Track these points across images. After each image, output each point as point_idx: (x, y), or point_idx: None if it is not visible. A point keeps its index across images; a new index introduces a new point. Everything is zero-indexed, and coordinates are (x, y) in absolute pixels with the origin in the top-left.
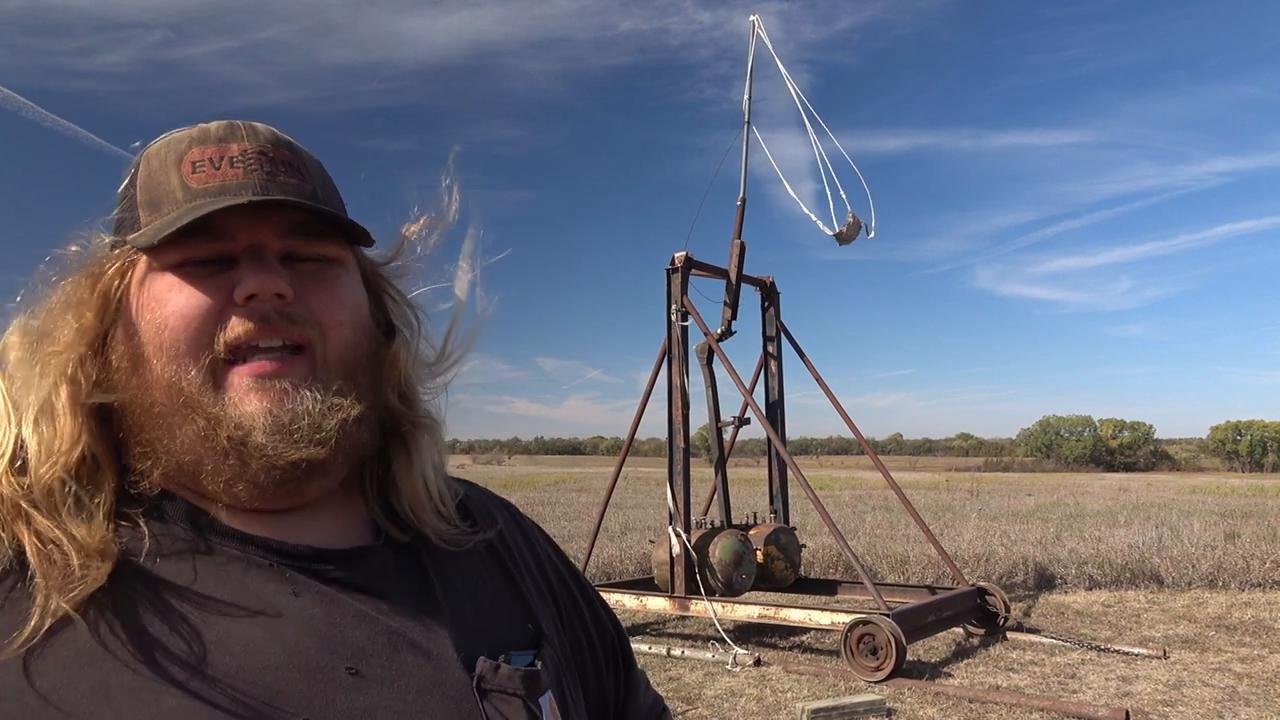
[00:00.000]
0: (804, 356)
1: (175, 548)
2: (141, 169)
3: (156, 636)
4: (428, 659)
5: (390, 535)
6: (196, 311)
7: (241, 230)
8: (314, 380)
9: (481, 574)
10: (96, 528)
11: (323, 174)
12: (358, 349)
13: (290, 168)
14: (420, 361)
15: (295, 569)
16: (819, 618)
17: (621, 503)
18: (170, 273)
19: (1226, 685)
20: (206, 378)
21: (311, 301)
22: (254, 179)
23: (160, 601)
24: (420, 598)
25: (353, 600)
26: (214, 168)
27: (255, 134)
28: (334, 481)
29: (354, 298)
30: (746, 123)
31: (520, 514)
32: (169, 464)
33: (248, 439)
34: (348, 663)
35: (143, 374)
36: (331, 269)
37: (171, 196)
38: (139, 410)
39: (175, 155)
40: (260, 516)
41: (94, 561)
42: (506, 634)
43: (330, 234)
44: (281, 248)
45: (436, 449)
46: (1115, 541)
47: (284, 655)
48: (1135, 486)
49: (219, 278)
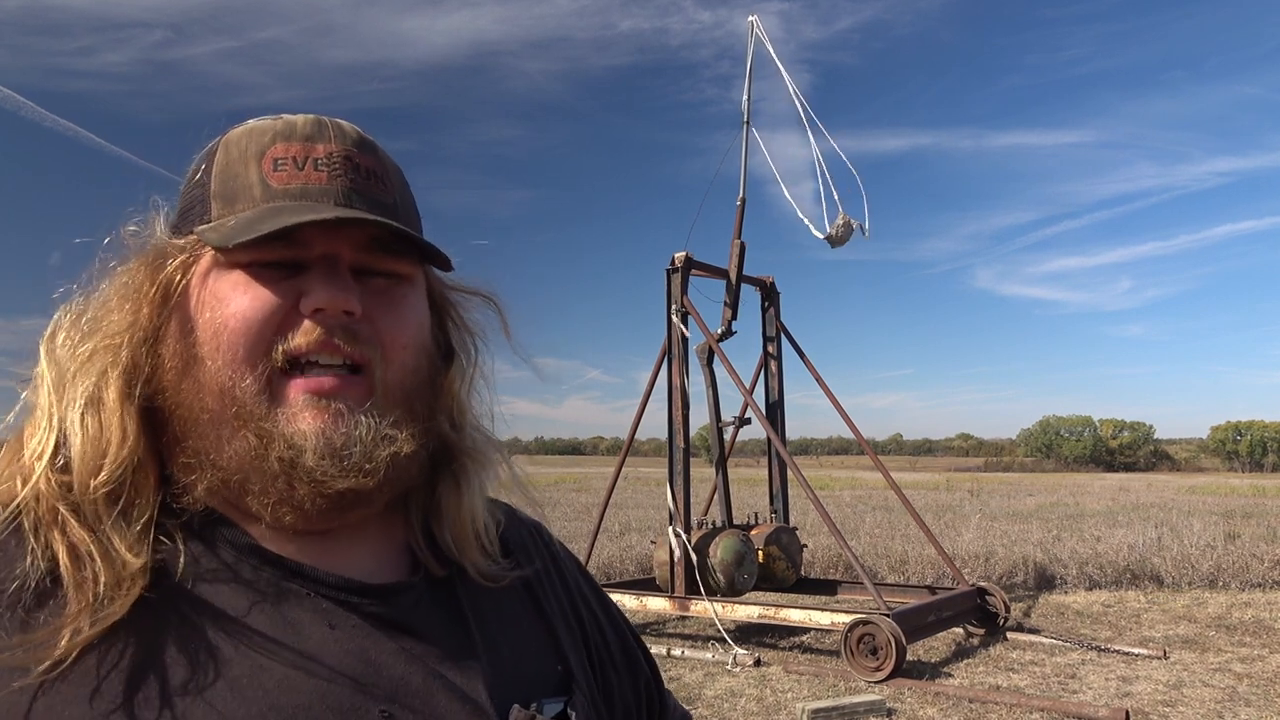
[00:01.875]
0: (804, 356)
1: (213, 570)
2: (219, 156)
3: (187, 667)
4: (462, 704)
5: (429, 569)
6: (259, 316)
7: (317, 239)
8: (371, 406)
9: (516, 610)
10: (135, 542)
11: (403, 183)
12: (417, 374)
13: (374, 176)
14: (474, 389)
15: (334, 601)
16: (819, 618)
17: (621, 503)
18: (237, 271)
19: (1226, 685)
20: (263, 387)
21: (377, 320)
22: (337, 185)
23: (192, 628)
24: (456, 637)
25: (389, 638)
26: (297, 168)
27: (343, 135)
28: (376, 509)
29: (419, 319)
30: (746, 123)
31: (553, 540)
32: (214, 478)
33: (298, 459)
34: (381, 705)
35: (195, 375)
36: (401, 287)
37: (249, 193)
38: (188, 415)
39: (257, 148)
40: (298, 538)
41: (126, 583)
42: (538, 677)
43: (405, 251)
44: (355, 260)
45: (486, 480)
46: (1115, 542)
47: (317, 694)
48: (1135, 486)
49: (287, 283)
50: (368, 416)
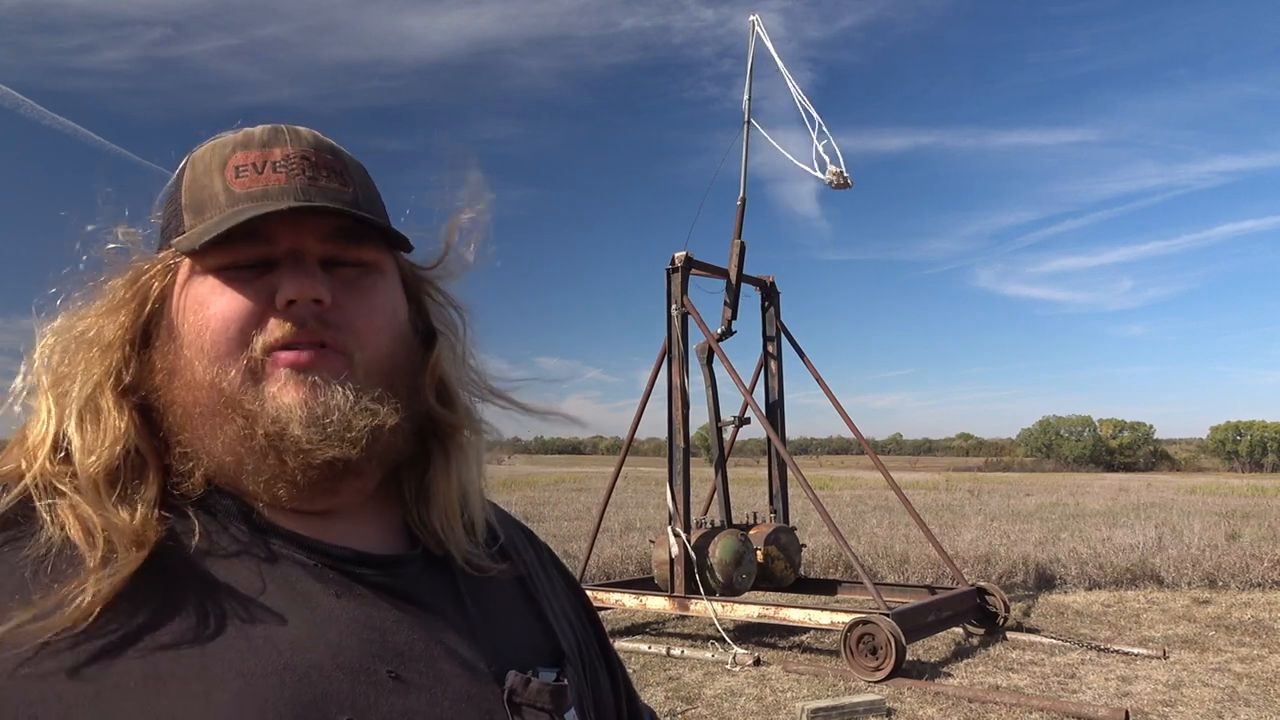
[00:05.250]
0: (804, 356)
1: (223, 540)
2: (187, 173)
3: (205, 629)
4: (463, 668)
5: (426, 546)
6: (236, 315)
7: (283, 235)
8: (348, 377)
9: (509, 592)
10: (142, 515)
11: (365, 178)
12: (393, 358)
13: (332, 172)
14: (464, 364)
15: (337, 570)
16: (819, 617)
17: (622, 502)
18: (212, 276)
19: (1226, 685)
20: (246, 377)
21: (348, 308)
22: (296, 183)
23: (209, 594)
24: (454, 610)
25: (392, 606)
26: (256, 172)
27: (298, 138)
28: (369, 484)
29: (391, 304)
30: (747, 122)
31: (537, 539)
32: (210, 465)
33: (285, 431)
34: (388, 666)
35: (185, 375)
36: (370, 275)
37: (215, 200)
38: (181, 411)
39: (219, 160)
40: (300, 517)
41: (135, 546)
42: (531, 649)
43: (371, 239)
44: (322, 252)
45: (477, 456)
46: (1115, 541)
47: (328, 655)
48: (1135, 486)
49: (260, 282)
50: (344, 387)
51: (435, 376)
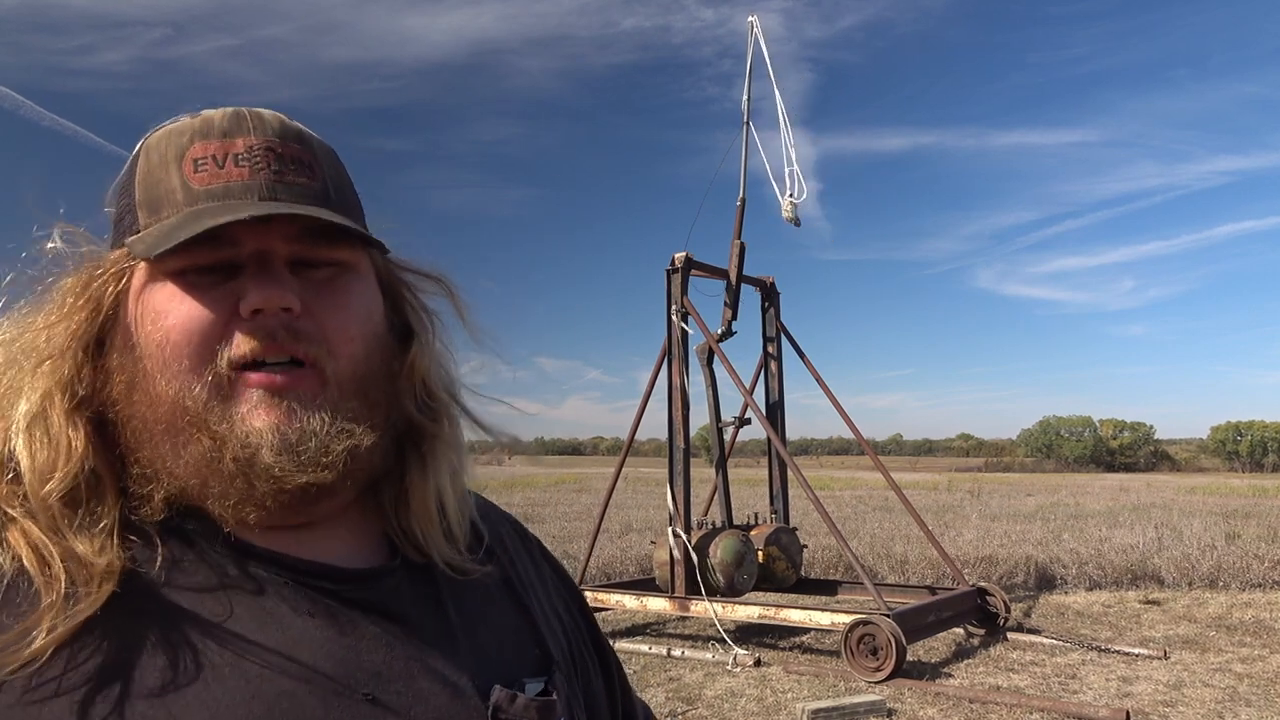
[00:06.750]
0: (804, 356)
1: (190, 565)
2: (140, 163)
3: (171, 655)
4: (444, 686)
5: (406, 555)
6: (199, 326)
7: (247, 236)
8: (323, 399)
9: (493, 596)
10: (100, 543)
11: (336, 167)
12: (368, 363)
13: (300, 164)
14: (439, 363)
15: (309, 587)
16: (819, 618)
17: (622, 503)
18: (171, 281)
19: (1227, 685)
20: (212, 393)
21: (319, 314)
22: (260, 179)
23: (173, 623)
24: (436, 621)
25: (369, 623)
26: (218, 166)
27: (263, 126)
28: (344, 501)
29: (366, 307)
30: (746, 123)
31: (526, 532)
32: (172, 487)
33: (255, 458)
34: (364, 688)
35: (144, 389)
36: (343, 276)
37: (172, 198)
38: (140, 427)
39: (177, 150)
40: (273, 532)
41: (95, 581)
42: (517, 658)
43: (343, 237)
44: (290, 253)
45: (456, 458)
46: (1115, 542)
47: (300, 680)
48: (1135, 487)
49: (223, 288)
50: (321, 410)
51: (414, 379)
